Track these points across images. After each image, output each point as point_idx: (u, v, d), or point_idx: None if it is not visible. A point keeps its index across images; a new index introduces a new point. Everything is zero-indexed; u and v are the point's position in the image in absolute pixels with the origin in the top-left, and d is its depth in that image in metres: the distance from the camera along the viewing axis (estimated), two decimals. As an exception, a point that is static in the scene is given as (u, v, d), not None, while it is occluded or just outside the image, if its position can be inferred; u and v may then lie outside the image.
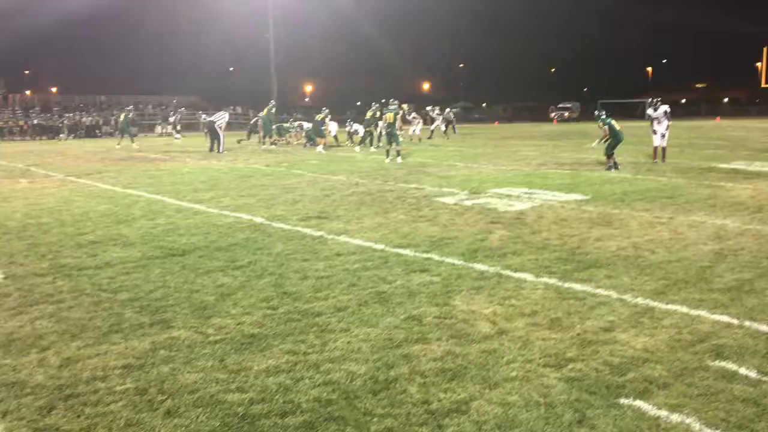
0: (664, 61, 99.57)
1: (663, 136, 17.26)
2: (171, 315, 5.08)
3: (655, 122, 17.41)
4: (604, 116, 15.33)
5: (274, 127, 27.51)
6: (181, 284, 5.93)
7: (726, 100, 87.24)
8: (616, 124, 15.12)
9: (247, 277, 6.13)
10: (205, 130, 26.56)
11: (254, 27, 60.86)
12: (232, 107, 61.42)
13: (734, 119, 59.21)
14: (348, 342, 4.46)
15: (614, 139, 15.04)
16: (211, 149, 23.85)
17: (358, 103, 72.05)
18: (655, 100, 18.05)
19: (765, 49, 59.22)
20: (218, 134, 24.11)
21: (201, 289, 5.77)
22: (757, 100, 77.97)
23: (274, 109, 27.78)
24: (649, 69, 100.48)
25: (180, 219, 9.30)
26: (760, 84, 61.62)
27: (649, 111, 17.89)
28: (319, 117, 25.74)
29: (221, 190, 12.61)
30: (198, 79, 71.48)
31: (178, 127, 36.07)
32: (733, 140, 26.38)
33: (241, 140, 29.13)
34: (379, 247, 7.34)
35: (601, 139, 15.39)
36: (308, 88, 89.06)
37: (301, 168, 17.03)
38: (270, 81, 52.97)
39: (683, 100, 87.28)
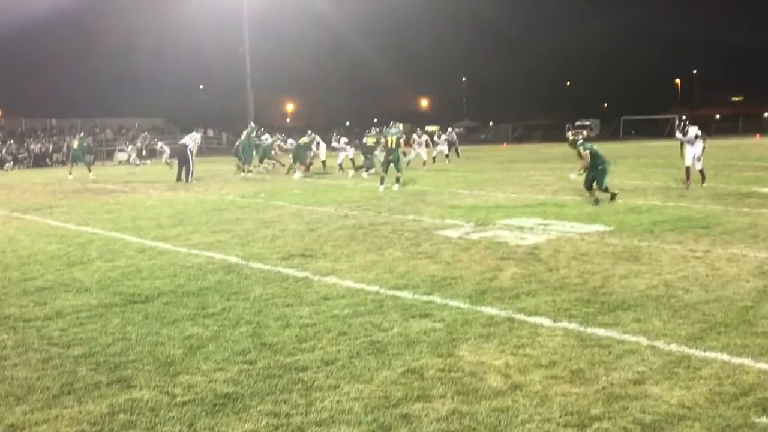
0: (695, 72, 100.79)
1: (699, 159, 17.29)
2: (132, 372, 5.04)
3: (688, 145, 17.47)
4: (581, 140, 14.47)
5: (254, 152, 27.44)
6: (144, 336, 5.89)
7: (766, 115, 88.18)
8: (600, 151, 14.16)
9: (220, 327, 6.10)
10: (170, 158, 26.68)
11: (227, 39, 61.49)
12: (202, 129, 61.80)
13: (776, 136, 59.80)
14: (337, 401, 4.43)
15: (595, 169, 13.92)
16: (179, 178, 23.79)
17: (347, 123, 72.61)
18: (681, 120, 18.09)
19: (808, 57, 60.03)
20: (189, 160, 24.07)
21: (167, 341, 5.74)
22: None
23: (254, 133, 27.71)
24: (678, 81, 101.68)
25: (142, 260, 9.29)
26: (804, 96, 62.37)
27: (678, 135, 17.89)
28: (303, 141, 25.97)
29: (190, 225, 12.63)
30: (163, 99, 72.07)
31: (144, 153, 36.27)
32: (775, 160, 26.61)
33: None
34: (373, 288, 7.34)
35: (583, 169, 14.36)
36: (289, 107, 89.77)
37: (282, 198, 17.09)
38: (246, 99, 53.38)
39: (717, 116, 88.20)
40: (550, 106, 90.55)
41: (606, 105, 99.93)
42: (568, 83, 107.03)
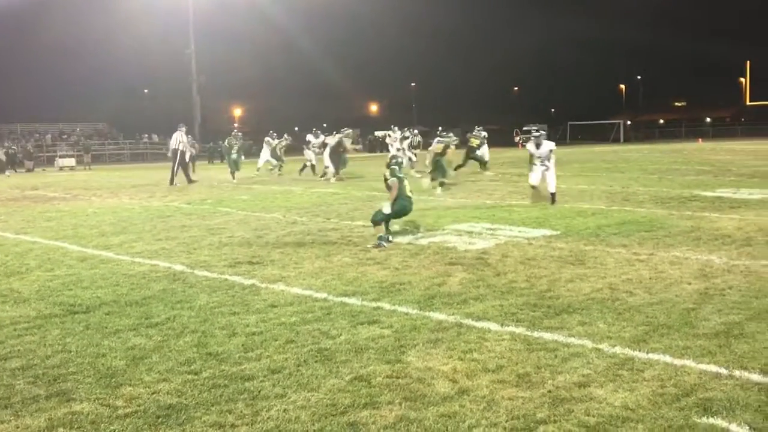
0: (639, 77, 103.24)
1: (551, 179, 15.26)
2: (72, 385, 4.93)
3: (538, 161, 15.33)
4: (396, 167, 11.36)
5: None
6: (85, 347, 5.78)
7: (708, 119, 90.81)
8: (407, 186, 11.30)
9: (164, 337, 6.02)
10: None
11: (173, 43, 60.70)
12: (146, 135, 60.87)
13: (718, 141, 61.67)
14: (284, 410, 4.40)
15: (397, 203, 10.95)
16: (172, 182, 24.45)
17: (296, 129, 72.26)
18: (535, 132, 16.12)
19: (748, 63, 62.09)
20: (174, 161, 24.94)
21: (108, 352, 5.64)
22: (743, 119, 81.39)
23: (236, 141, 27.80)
24: (623, 87, 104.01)
25: (84, 269, 9.10)
26: (745, 101, 64.39)
27: (530, 147, 15.64)
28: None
29: (133, 233, 12.41)
30: (106, 103, 70.68)
31: (86, 158, 35.72)
32: (717, 164, 27.39)
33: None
34: (321, 295, 7.33)
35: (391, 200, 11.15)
36: (237, 112, 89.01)
37: (229, 205, 16.93)
38: (192, 104, 52.80)
39: (661, 121, 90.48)
40: (498, 111, 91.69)
41: (553, 110, 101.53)
42: (516, 89, 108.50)
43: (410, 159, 26.03)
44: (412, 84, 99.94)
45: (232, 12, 64.03)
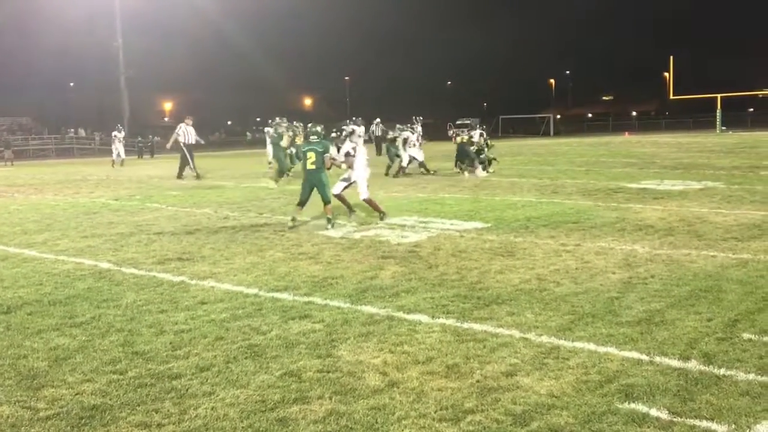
0: (568, 72, 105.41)
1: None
2: (-10, 388, 4.76)
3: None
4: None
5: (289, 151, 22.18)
6: (5, 348, 5.59)
7: (634, 113, 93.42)
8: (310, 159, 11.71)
9: (88, 336, 5.87)
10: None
11: (99, 34, 59.10)
12: (72, 129, 59.14)
13: (644, 134, 63.50)
14: (212, 408, 4.35)
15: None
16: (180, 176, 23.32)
17: (229, 123, 71.42)
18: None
19: (671, 59, 64.05)
20: (183, 155, 23.66)
21: (30, 353, 5.46)
22: (667, 113, 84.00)
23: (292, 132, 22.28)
24: (552, 81, 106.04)
25: (5, 268, 8.80)
26: (669, 95, 66.48)
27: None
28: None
29: (58, 230, 12.05)
30: (30, 97, 68.30)
31: (8, 154, 34.59)
32: (642, 157, 28.20)
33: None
34: (252, 291, 7.26)
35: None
36: (167, 105, 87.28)
37: (159, 201, 16.60)
38: (120, 97, 51.58)
39: (589, 115, 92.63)
40: (431, 105, 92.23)
41: (485, 104, 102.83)
42: (449, 83, 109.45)
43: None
44: (346, 77, 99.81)
45: (162, 3, 62.71)
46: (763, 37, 62.80)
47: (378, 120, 37.16)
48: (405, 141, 22.54)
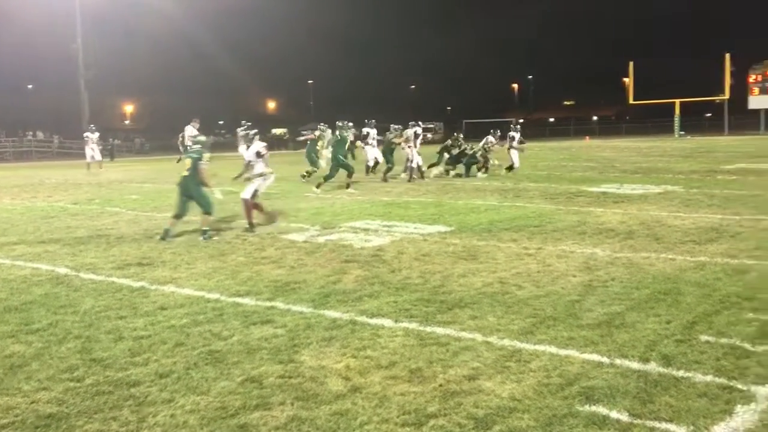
0: (530, 77, 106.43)
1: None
2: (-59, 398, 4.63)
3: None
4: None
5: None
6: (-43, 357, 5.44)
7: (595, 118, 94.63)
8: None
9: (45, 343, 5.74)
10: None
11: (59, 36, 58.06)
12: (31, 132, 58.05)
13: (604, 138, 64.40)
14: (171, 415, 4.28)
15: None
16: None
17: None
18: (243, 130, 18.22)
19: (631, 64, 65.06)
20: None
21: (-17, 361, 5.33)
22: (627, 117, 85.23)
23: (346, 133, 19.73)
24: (515, 86, 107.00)
25: (-42, 274, 8.58)
26: (629, 100, 67.51)
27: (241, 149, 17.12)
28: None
29: (14, 235, 11.80)
30: (-15, 99, 66.87)
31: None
32: (602, 161, 28.57)
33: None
34: (213, 296, 7.18)
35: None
36: (129, 108, 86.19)
37: (119, 205, 16.36)
38: (80, 100, 50.74)
39: (551, 119, 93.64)
40: (395, 109, 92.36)
41: (449, 108, 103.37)
42: (412, 87, 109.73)
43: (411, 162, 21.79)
44: (310, 81, 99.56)
45: (123, 5, 61.91)
46: (721, 44, 64.14)
47: (350, 123, 37.05)
48: (366, 137, 22.81)
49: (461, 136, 23.39)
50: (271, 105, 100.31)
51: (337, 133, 18.96)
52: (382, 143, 23.65)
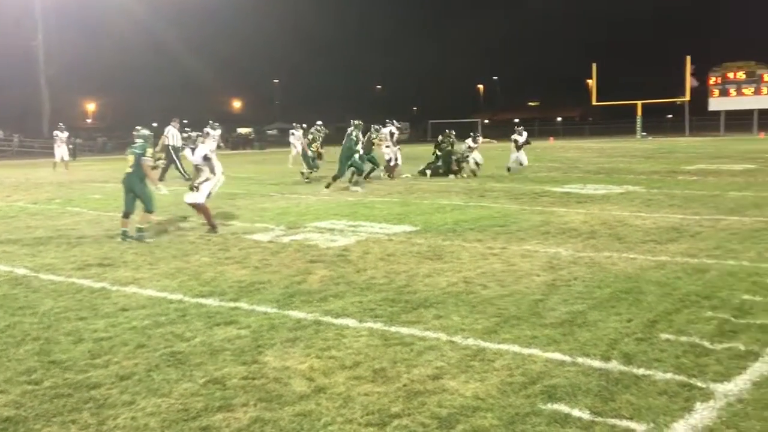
0: (496, 78, 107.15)
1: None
2: None
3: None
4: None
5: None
6: None
7: (559, 119, 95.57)
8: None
9: (2, 346, 5.64)
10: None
11: (18, 32, 57.00)
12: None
13: (568, 139, 65.12)
14: (132, 418, 4.22)
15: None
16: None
17: (155, 124, 69.82)
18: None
19: (594, 66, 65.83)
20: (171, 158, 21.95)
21: (-62, 365, 5.21)
22: (590, 119, 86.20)
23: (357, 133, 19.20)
24: (481, 87, 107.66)
25: None
26: (592, 102, 68.32)
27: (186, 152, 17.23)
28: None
29: (-28, 235, 11.55)
30: (-58, 97, 65.30)
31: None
32: (566, 162, 28.88)
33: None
34: (176, 297, 7.10)
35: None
36: (91, 107, 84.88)
37: (80, 204, 16.12)
38: (40, 98, 49.90)
39: (516, 120, 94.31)
40: (361, 109, 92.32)
41: (415, 109, 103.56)
42: (378, 87, 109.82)
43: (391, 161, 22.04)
44: (275, 80, 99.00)
45: (85, 1, 60.92)
46: (682, 46, 65.18)
47: (320, 123, 36.87)
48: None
49: (453, 133, 23.32)
50: (237, 104, 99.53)
51: (352, 132, 18.69)
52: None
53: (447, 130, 23.38)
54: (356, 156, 18.58)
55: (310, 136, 21.79)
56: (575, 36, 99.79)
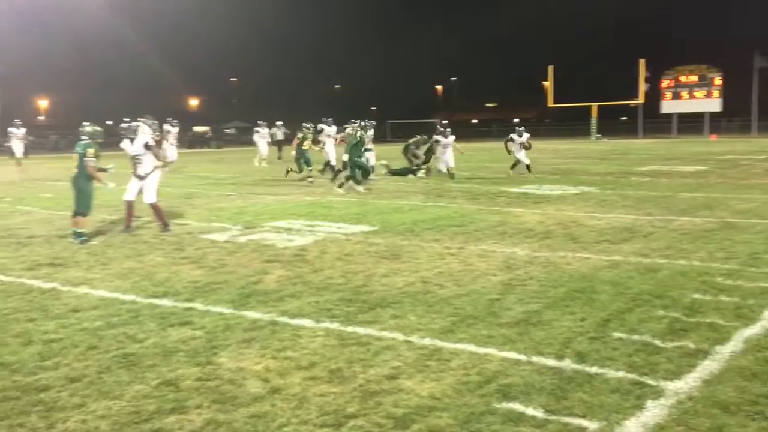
0: (454, 79, 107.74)
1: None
2: None
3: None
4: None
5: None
6: None
7: (516, 120, 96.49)
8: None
9: (-53, 348, 5.47)
10: None
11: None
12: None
13: (525, 140, 65.63)
14: (82, 421, 4.14)
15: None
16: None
17: (109, 122, 68.69)
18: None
19: (550, 68, 66.63)
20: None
21: None
22: (546, 120, 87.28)
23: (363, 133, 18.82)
24: (439, 88, 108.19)
25: None
26: (548, 103, 69.16)
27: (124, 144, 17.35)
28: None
29: None
30: None
31: None
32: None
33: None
34: (129, 297, 6.99)
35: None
36: (43, 104, 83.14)
37: (31, 203, 15.77)
38: (-10, 94, 48.74)
39: (474, 121, 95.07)
40: (321, 108, 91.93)
41: (374, 109, 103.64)
42: (337, 86, 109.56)
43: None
44: (233, 79, 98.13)
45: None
46: (636, 49, 66.38)
47: (280, 122, 36.56)
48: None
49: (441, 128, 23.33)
50: (194, 102, 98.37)
51: (359, 133, 18.34)
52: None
53: (420, 136, 23.65)
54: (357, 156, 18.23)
55: (300, 135, 20.98)
56: (532, 38, 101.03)
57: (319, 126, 24.08)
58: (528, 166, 21.16)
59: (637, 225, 11.25)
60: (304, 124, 21.66)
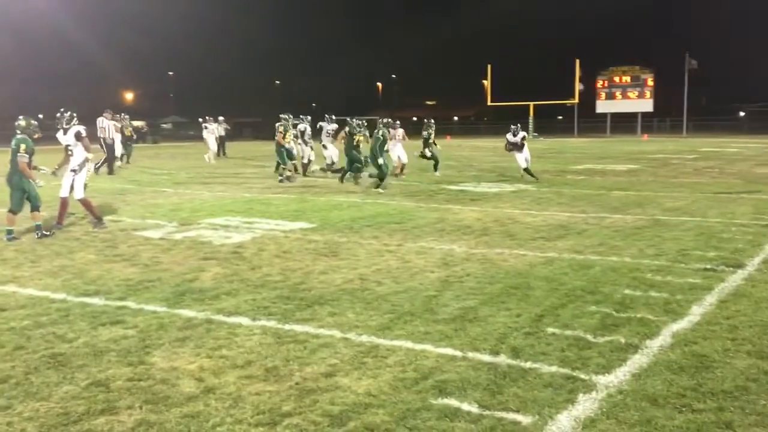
0: (394, 76, 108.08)
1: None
2: None
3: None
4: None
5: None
6: None
7: (456, 118, 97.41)
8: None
9: None
10: None
11: None
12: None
13: (464, 138, 66.42)
14: (8, 423, 4.01)
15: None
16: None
17: (41, 116, 66.63)
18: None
19: (489, 67, 67.44)
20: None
21: None
22: (486, 118, 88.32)
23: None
24: (380, 85, 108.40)
25: None
26: (487, 102, 70.01)
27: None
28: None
29: None
30: None
31: None
32: (461, 160, 29.45)
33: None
34: (59, 296, 6.80)
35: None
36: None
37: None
38: None
39: (414, 118, 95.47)
40: (260, 104, 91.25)
41: (314, 105, 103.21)
42: (277, 82, 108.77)
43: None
44: (170, 73, 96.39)
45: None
46: (572, 49, 67.80)
47: (222, 118, 35.89)
48: (302, 134, 21.73)
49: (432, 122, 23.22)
50: (129, 96, 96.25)
51: (381, 132, 17.71)
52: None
53: (426, 120, 23.26)
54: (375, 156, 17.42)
55: (281, 128, 20.11)
56: (471, 37, 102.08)
57: (319, 124, 23.62)
58: (527, 170, 19.48)
59: (572, 222, 11.48)
60: (281, 115, 20.88)
